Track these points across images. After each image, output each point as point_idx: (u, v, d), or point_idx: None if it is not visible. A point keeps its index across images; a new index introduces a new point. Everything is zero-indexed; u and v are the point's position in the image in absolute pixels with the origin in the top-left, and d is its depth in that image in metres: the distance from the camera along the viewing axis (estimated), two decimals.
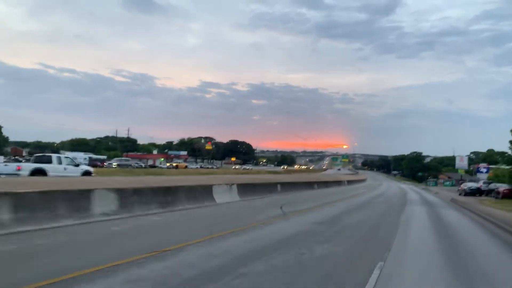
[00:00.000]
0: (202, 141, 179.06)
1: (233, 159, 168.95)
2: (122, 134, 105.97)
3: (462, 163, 69.64)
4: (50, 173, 18.43)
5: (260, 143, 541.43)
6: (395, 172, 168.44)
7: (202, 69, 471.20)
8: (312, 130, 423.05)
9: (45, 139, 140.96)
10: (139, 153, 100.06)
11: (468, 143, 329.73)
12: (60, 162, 20.11)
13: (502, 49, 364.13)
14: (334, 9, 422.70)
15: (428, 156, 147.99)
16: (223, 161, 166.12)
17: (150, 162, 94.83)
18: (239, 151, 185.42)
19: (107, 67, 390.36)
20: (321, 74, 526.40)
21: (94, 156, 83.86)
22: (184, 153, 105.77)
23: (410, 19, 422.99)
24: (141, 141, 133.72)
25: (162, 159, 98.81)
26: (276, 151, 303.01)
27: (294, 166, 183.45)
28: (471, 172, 78.75)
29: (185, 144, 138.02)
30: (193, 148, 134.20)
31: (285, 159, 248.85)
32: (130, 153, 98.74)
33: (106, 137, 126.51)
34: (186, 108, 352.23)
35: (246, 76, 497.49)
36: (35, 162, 19.96)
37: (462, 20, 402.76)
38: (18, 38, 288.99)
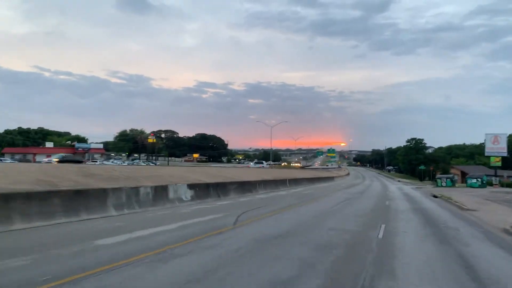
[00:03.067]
0: (161, 134, 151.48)
1: (195, 155, 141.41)
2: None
3: (496, 147, 40.16)
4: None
5: (259, 142, 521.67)
6: (389, 167, 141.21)
7: (198, 69, 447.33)
8: (309, 128, 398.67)
9: None
10: (26, 147, 72.07)
11: (466, 139, 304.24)
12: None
13: (497, 44, 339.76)
14: (329, 7, 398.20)
15: (431, 146, 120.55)
16: (184, 158, 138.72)
17: (42, 158, 67.15)
18: (207, 147, 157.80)
19: (103, 69, 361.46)
20: (318, 72, 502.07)
21: None
22: (100, 146, 78.47)
23: (405, 15, 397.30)
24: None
25: (64, 154, 70.88)
26: (272, 149, 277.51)
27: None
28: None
29: (126, 137, 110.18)
30: (135, 142, 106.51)
31: (268, 155, 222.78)
32: (15, 147, 71.03)
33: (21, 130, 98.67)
34: (182, 108, 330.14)
35: (242, 75, 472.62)
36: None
37: (457, 15, 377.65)
38: (13, 41, 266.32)
